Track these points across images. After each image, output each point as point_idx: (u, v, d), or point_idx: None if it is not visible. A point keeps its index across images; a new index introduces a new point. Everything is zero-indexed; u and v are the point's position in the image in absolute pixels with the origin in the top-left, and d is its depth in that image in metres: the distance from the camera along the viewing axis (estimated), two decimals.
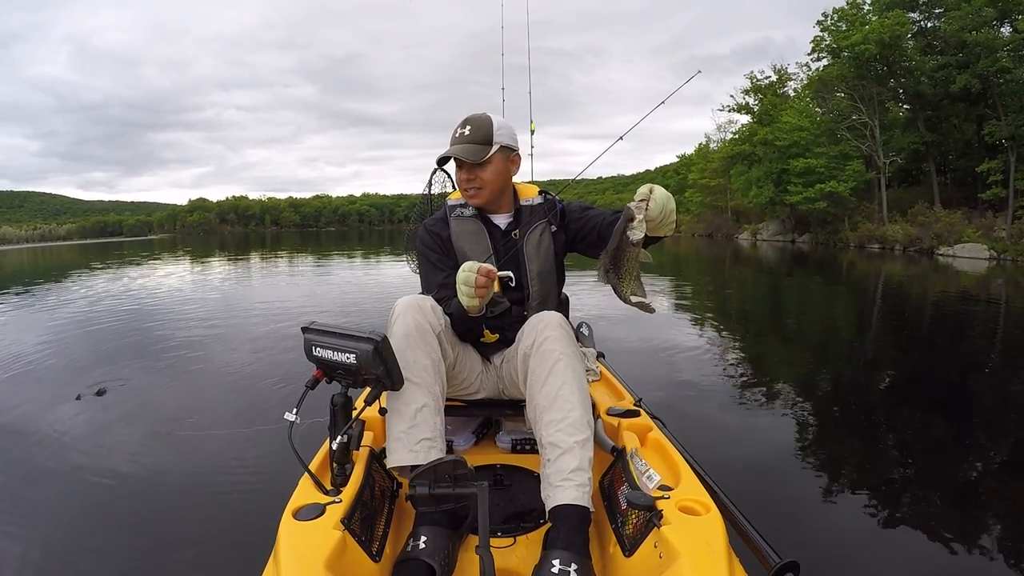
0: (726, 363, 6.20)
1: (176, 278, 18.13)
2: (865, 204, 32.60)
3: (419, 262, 2.40)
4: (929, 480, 3.42)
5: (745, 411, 4.56)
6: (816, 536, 2.77)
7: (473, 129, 2.26)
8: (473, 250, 2.31)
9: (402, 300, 2.06)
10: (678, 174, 68.89)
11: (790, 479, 3.34)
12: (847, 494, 3.17)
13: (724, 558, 1.44)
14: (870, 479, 3.35)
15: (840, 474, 3.42)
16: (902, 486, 3.30)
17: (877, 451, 3.86)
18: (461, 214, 2.40)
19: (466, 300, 1.98)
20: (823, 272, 19.53)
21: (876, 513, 2.95)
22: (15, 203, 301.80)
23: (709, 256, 28.47)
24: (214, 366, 6.19)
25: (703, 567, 1.40)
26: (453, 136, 2.29)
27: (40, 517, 3.03)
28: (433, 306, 2.08)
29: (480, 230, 2.36)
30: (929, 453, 3.86)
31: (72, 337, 8.12)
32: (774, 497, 3.12)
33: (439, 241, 2.37)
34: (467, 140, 2.26)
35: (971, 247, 23.72)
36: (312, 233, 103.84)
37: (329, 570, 1.40)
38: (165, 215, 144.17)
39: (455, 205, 2.44)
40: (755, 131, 39.09)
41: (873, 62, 30.85)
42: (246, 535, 2.67)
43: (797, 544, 2.61)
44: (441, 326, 2.07)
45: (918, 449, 3.95)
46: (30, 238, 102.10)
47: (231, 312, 10.13)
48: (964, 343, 7.85)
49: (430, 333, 2.02)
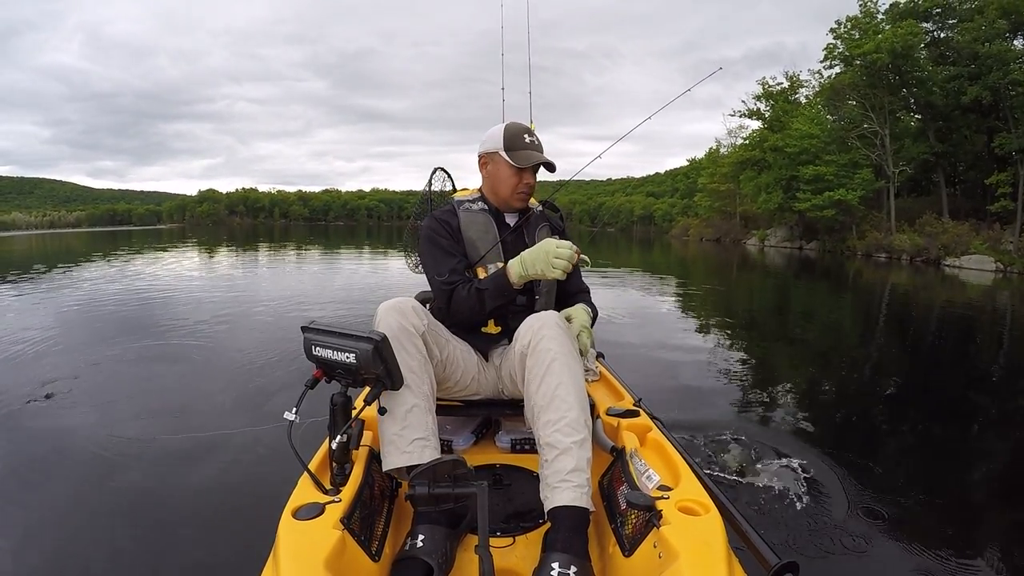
0: (726, 365, 6.18)
1: (184, 268, 18.14)
2: (874, 213, 32.52)
3: (425, 250, 2.39)
4: (931, 487, 3.40)
5: (745, 411, 4.56)
6: (816, 537, 2.77)
7: (537, 138, 2.42)
8: (482, 239, 2.39)
9: (383, 304, 2.05)
10: (688, 177, 68.97)
11: (790, 480, 3.34)
12: (847, 496, 3.16)
13: (723, 558, 1.44)
14: (871, 483, 3.33)
15: (841, 476, 3.41)
16: (903, 492, 3.28)
17: (878, 455, 3.84)
18: (470, 208, 2.47)
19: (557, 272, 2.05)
20: (829, 280, 19.49)
21: (876, 516, 2.94)
22: (25, 189, 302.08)
23: (716, 261, 28.41)
24: (216, 361, 6.16)
25: (702, 567, 1.41)
26: (523, 140, 2.38)
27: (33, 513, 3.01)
28: (415, 307, 2.06)
29: (489, 222, 2.44)
30: (932, 460, 3.85)
31: (75, 323, 8.17)
32: (774, 497, 3.12)
33: (449, 229, 2.40)
34: (540, 148, 2.41)
35: (978, 259, 23.68)
36: (321, 227, 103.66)
37: (328, 569, 1.41)
38: (175, 205, 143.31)
39: (463, 200, 2.51)
40: (766, 137, 39.14)
41: (885, 71, 30.77)
42: (245, 534, 2.66)
43: (797, 544, 2.62)
44: (424, 326, 2.06)
45: (921, 456, 3.95)
46: (39, 224, 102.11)
47: (236, 306, 10.02)
48: (969, 354, 7.82)
49: (413, 334, 2.01)
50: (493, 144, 2.40)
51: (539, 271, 2.09)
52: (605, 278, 14.43)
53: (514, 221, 2.50)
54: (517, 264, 2.14)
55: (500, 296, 2.20)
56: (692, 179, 63.49)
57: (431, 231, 2.39)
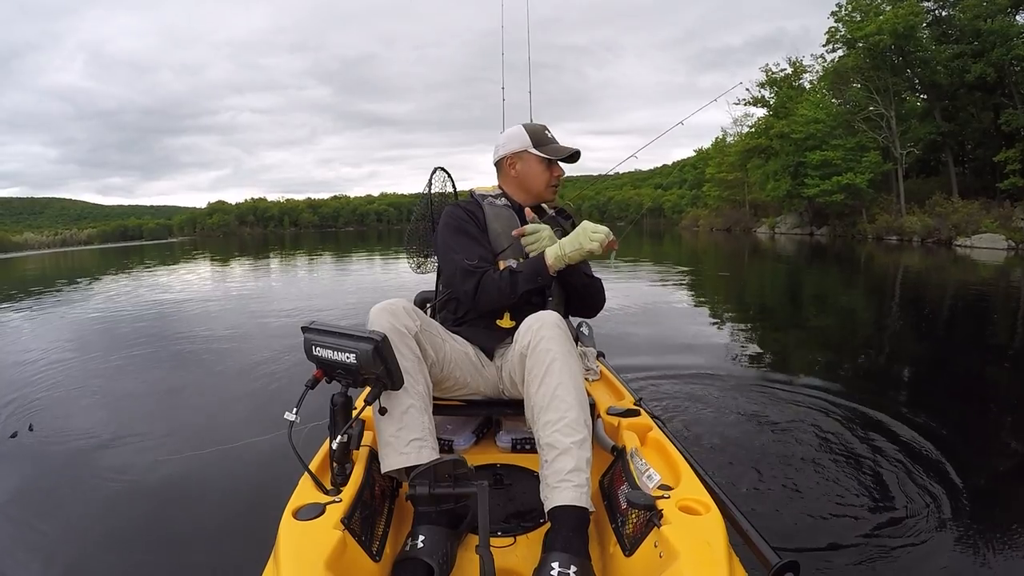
0: (728, 363, 6.09)
1: (198, 279, 18.27)
2: (883, 195, 32.36)
3: (448, 237, 2.43)
4: (939, 479, 3.37)
5: (747, 410, 4.50)
6: (816, 537, 2.75)
7: None
8: (506, 232, 2.46)
9: (375, 306, 2.06)
10: (695, 168, 68.86)
11: (791, 479, 3.32)
12: (852, 495, 3.12)
13: (724, 558, 1.44)
14: (877, 483, 3.30)
15: (845, 476, 3.38)
16: (911, 486, 3.24)
17: (885, 449, 3.79)
18: (494, 203, 2.56)
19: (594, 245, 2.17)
20: (840, 264, 19.38)
21: (881, 517, 2.90)
22: (36, 209, 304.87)
23: (727, 250, 28.30)
24: (222, 366, 6.27)
25: (703, 567, 1.40)
26: (547, 136, 2.55)
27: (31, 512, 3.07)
28: (406, 308, 2.08)
29: (512, 217, 2.52)
30: (942, 451, 3.78)
31: (95, 334, 8.33)
32: (774, 497, 3.10)
33: (475, 219, 2.48)
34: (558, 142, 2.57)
35: (989, 237, 23.47)
36: (331, 233, 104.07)
37: (329, 570, 1.41)
38: (185, 218, 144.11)
39: (486, 195, 2.60)
40: (771, 124, 38.99)
41: (888, 52, 30.62)
42: (246, 535, 2.68)
43: (797, 544, 2.61)
44: (416, 327, 2.07)
45: (930, 447, 3.89)
46: (51, 243, 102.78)
47: (245, 312, 10.15)
48: (984, 335, 7.75)
49: (406, 335, 2.02)
50: (519, 144, 2.51)
51: (577, 246, 2.18)
52: (618, 271, 14.45)
53: None
54: (556, 247, 2.23)
55: (534, 279, 2.27)
56: (700, 170, 63.35)
57: (456, 219, 2.45)
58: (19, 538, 2.85)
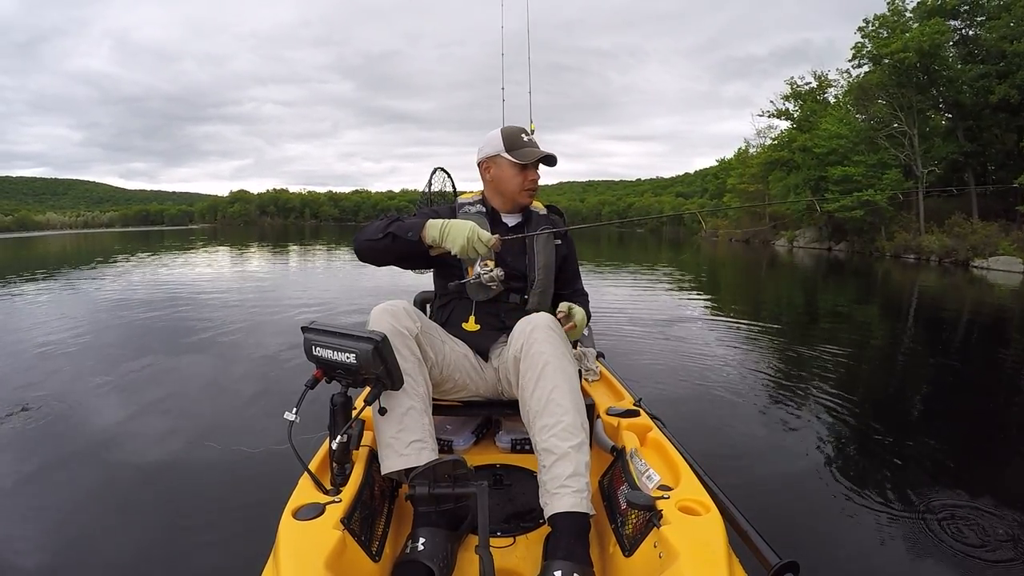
0: (729, 364, 6.07)
1: (218, 268, 18.45)
2: (902, 213, 32.06)
3: None
4: (940, 483, 3.37)
5: (747, 411, 4.51)
6: (816, 537, 2.77)
7: (533, 136, 2.51)
8: None
9: (376, 307, 2.07)
10: (717, 178, 68.30)
11: (791, 479, 3.33)
12: (851, 497, 3.12)
13: (724, 558, 1.45)
14: (877, 484, 3.30)
15: (845, 476, 3.37)
16: (911, 494, 3.24)
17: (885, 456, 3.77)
18: (468, 211, 2.52)
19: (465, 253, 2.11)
20: (858, 280, 19.22)
21: (880, 517, 2.90)
22: (59, 191, 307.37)
23: (745, 261, 28.19)
24: (230, 360, 6.29)
25: (703, 567, 1.42)
26: (522, 140, 2.45)
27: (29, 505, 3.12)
28: (407, 309, 2.08)
29: (483, 223, 2.45)
30: (943, 456, 3.79)
31: (102, 323, 8.43)
32: (774, 497, 3.11)
33: (436, 215, 2.41)
34: (537, 145, 2.48)
35: (1006, 260, 23.20)
36: (351, 227, 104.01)
37: (329, 570, 1.42)
38: (206, 206, 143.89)
39: (464, 203, 2.58)
40: (794, 137, 38.70)
41: (913, 70, 30.31)
42: (246, 535, 2.68)
43: (797, 544, 2.63)
44: (417, 329, 2.08)
45: (930, 450, 3.88)
46: (73, 224, 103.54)
47: (254, 308, 10.11)
48: (993, 357, 7.67)
49: (407, 336, 2.03)
50: (493, 148, 2.46)
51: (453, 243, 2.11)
52: (631, 276, 14.44)
53: (513, 222, 2.56)
54: (440, 225, 2.16)
55: (404, 231, 2.19)
56: (721, 179, 62.84)
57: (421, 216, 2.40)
58: None
